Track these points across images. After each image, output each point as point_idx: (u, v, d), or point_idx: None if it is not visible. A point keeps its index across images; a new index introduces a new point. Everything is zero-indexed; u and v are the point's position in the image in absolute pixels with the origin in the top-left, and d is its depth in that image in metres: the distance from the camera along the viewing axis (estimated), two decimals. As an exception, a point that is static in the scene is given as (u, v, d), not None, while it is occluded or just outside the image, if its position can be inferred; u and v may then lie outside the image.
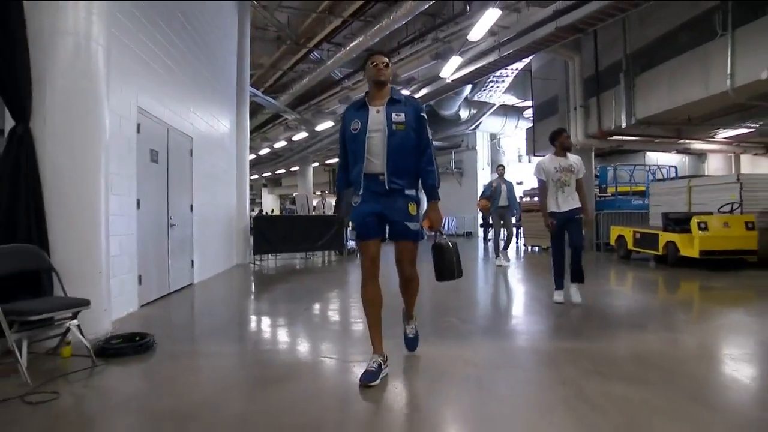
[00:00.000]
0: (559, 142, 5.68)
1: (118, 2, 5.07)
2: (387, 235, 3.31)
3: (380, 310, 3.27)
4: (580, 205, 5.56)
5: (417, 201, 3.28)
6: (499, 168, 10.19)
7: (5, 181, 3.78)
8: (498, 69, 13.07)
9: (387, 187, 3.14)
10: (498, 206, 9.64)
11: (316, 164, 31.50)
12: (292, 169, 33.76)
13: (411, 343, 3.64)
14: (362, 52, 13.10)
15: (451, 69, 12.48)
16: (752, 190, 9.37)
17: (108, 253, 4.50)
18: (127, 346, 3.79)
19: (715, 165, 16.96)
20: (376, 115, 3.19)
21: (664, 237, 9.33)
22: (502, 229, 9.84)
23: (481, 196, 10.38)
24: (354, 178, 3.25)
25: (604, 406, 2.70)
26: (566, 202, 5.55)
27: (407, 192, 3.23)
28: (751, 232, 8.67)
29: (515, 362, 3.68)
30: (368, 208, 3.20)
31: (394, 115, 3.16)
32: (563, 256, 5.69)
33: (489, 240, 18.70)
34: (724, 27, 8.34)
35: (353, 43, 13.50)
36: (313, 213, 16.77)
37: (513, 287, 7.72)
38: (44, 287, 3.80)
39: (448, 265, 3.35)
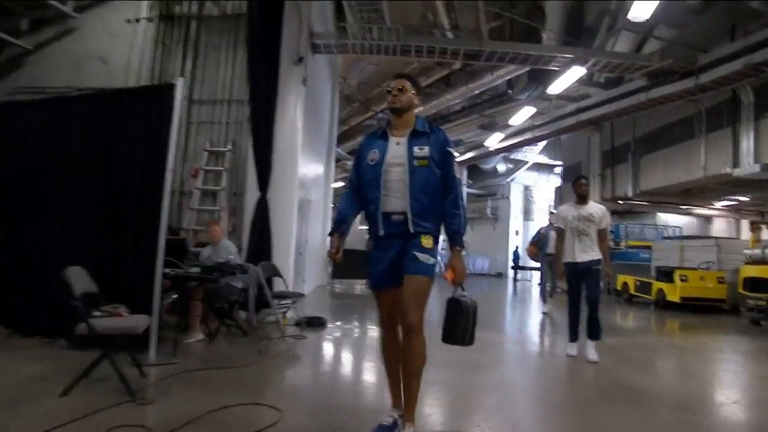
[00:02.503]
0: (575, 189, 5.66)
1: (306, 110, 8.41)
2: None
3: (399, 363, 2.90)
4: (599, 257, 5.36)
5: (434, 235, 2.85)
6: (550, 216, 10.37)
7: (258, 227, 7.03)
8: (532, 143, 16.22)
9: (412, 230, 2.77)
10: (546, 253, 9.55)
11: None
12: (340, 204, 37.27)
13: None
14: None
15: (494, 141, 15.68)
16: (727, 252, 12.00)
17: (292, 268, 7.69)
18: (316, 321, 6.89)
19: (719, 227, 19.44)
20: (396, 147, 2.85)
21: (656, 285, 12.03)
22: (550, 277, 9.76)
23: (530, 242, 10.65)
24: (370, 215, 2.89)
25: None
26: (584, 252, 5.36)
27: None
28: (721, 285, 11.31)
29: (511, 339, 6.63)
30: (381, 254, 2.87)
31: (416, 149, 2.81)
32: (578, 308, 5.55)
33: (518, 280, 21.46)
34: (701, 131, 11.31)
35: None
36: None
37: (535, 313, 10.57)
38: (272, 285, 6.97)
39: (462, 328, 2.77)
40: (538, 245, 10.14)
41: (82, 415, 2.97)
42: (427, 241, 2.80)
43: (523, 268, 21.18)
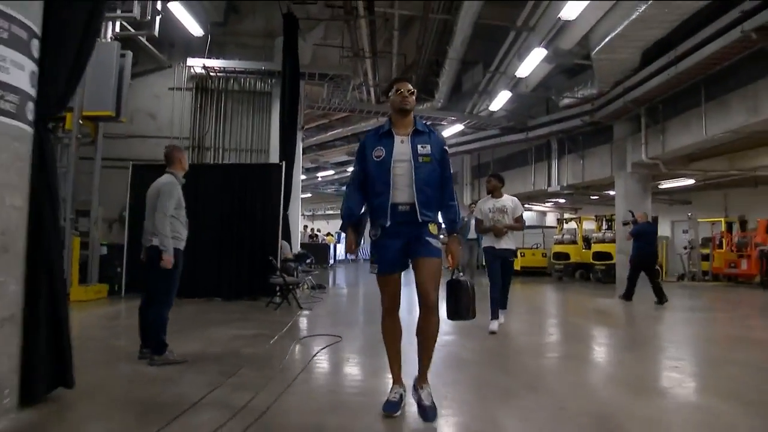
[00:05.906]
0: (486, 186, 6.49)
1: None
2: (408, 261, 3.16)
3: (400, 343, 3.22)
4: (513, 248, 6.21)
5: (437, 222, 3.16)
6: (471, 205, 12.16)
7: (284, 231, 11.68)
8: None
9: (420, 219, 3.04)
10: (467, 238, 10.84)
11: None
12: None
13: (431, 414, 2.95)
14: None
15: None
16: (549, 237, 18.88)
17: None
18: (320, 286, 11.72)
19: (551, 218, 27.15)
20: (401, 145, 3.09)
21: (507, 259, 18.51)
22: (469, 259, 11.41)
23: None
24: (378, 207, 3.13)
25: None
26: (501, 240, 6.01)
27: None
28: (544, 258, 18.08)
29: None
30: (390, 242, 3.11)
31: (419, 146, 3.07)
32: (499, 287, 6.12)
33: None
34: (531, 160, 17.94)
35: (332, 132, 21.97)
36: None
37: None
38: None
39: (465, 305, 3.15)
40: (460, 231, 14.04)
41: (295, 317, 7.70)
42: (433, 228, 3.12)
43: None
